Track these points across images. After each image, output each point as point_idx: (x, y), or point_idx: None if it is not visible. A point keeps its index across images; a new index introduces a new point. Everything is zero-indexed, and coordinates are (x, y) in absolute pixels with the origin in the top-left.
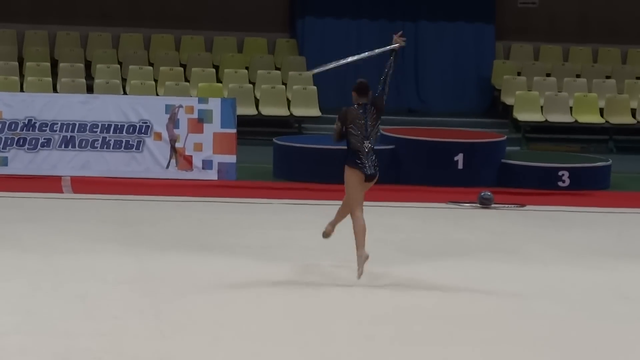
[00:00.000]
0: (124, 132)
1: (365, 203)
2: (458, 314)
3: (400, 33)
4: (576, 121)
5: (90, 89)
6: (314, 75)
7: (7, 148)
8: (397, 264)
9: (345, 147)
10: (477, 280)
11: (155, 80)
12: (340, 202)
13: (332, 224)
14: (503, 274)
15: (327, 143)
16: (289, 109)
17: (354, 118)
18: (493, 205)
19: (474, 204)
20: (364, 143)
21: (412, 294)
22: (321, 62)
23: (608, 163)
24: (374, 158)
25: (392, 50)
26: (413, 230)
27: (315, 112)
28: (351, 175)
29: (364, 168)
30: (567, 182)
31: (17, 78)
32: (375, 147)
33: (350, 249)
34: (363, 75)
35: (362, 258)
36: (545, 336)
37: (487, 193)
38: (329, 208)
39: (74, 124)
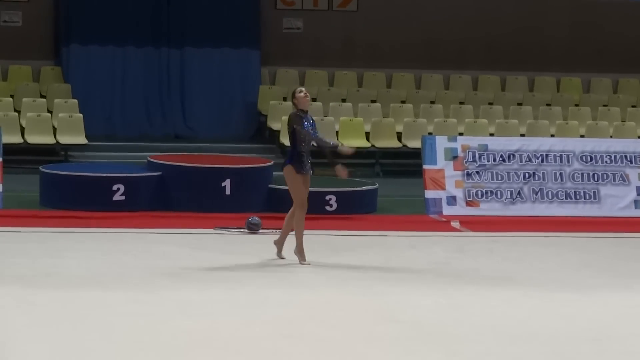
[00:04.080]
0: None
1: (133, 230)
2: (225, 338)
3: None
4: (342, 145)
5: None
6: (80, 103)
7: None
8: (165, 290)
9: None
10: (248, 307)
11: None
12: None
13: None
14: (272, 299)
15: (93, 171)
16: (55, 137)
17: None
18: (261, 231)
19: (242, 230)
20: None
21: (182, 319)
22: (87, 89)
23: (375, 187)
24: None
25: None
26: (182, 257)
27: (81, 139)
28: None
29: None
30: (335, 206)
31: None
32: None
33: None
34: (129, 102)
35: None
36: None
37: (255, 218)
38: (96, 235)
39: None
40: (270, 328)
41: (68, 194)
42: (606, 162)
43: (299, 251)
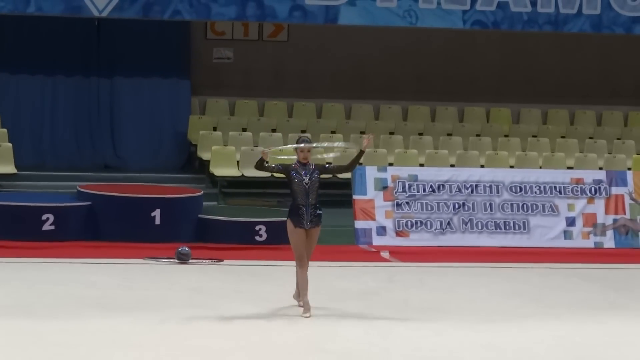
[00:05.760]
0: None
1: (62, 260)
2: None
3: (370, 137)
4: (272, 175)
5: None
6: (9, 132)
7: None
8: (95, 320)
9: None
10: (177, 337)
11: None
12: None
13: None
14: (202, 329)
15: (22, 200)
16: None
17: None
18: (191, 261)
19: (172, 260)
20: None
21: (111, 349)
22: (16, 118)
23: None
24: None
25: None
26: (111, 287)
27: (10, 169)
28: None
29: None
30: (265, 236)
31: None
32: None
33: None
34: (59, 131)
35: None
36: None
37: (184, 248)
38: (24, 265)
39: None
40: (199, 359)
41: None
42: (535, 192)
43: (304, 304)
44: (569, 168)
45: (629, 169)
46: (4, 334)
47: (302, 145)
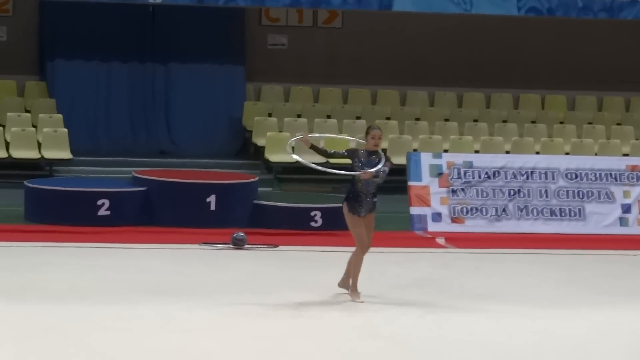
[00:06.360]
0: None
1: (118, 245)
2: (208, 354)
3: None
4: (327, 162)
5: None
6: (65, 118)
7: None
8: (148, 305)
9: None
10: (232, 322)
11: None
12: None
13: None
14: (256, 314)
15: (78, 185)
16: (39, 151)
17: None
18: (246, 246)
19: (227, 245)
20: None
21: (164, 335)
22: (72, 104)
23: None
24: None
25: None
26: (166, 273)
27: (66, 154)
28: None
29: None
30: (320, 222)
31: None
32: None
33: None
34: (114, 117)
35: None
36: None
37: (240, 234)
38: (80, 250)
39: None
40: (252, 344)
41: (53, 208)
42: (591, 179)
43: (353, 290)
44: (624, 155)
45: None
46: (58, 318)
47: (375, 130)
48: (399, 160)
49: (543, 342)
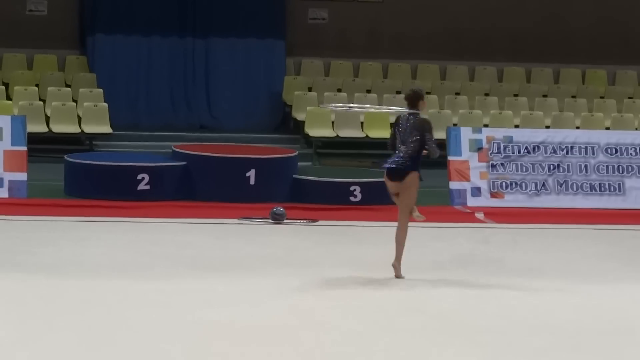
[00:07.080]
0: None
1: (157, 220)
2: (249, 328)
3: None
4: (367, 136)
5: None
6: (105, 92)
7: None
8: (189, 280)
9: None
10: (271, 297)
11: None
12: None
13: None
14: (296, 289)
15: (118, 160)
16: (80, 126)
17: (398, 121)
18: (285, 221)
19: (266, 220)
20: (399, 147)
21: (205, 309)
22: (112, 79)
23: None
24: (401, 156)
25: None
26: (206, 247)
27: (106, 129)
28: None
29: (385, 164)
30: (359, 197)
31: None
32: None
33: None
34: (154, 91)
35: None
36: (349, 352)
37: (279, 209)
38: (120, 225)
39: None
40: (293, 318)
41: (93, 183)
42: (631, 154)
43: (396, 265)
44: None
45: None
46: (99, 293)
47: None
48: (439, 134)
49: (584, 317)
